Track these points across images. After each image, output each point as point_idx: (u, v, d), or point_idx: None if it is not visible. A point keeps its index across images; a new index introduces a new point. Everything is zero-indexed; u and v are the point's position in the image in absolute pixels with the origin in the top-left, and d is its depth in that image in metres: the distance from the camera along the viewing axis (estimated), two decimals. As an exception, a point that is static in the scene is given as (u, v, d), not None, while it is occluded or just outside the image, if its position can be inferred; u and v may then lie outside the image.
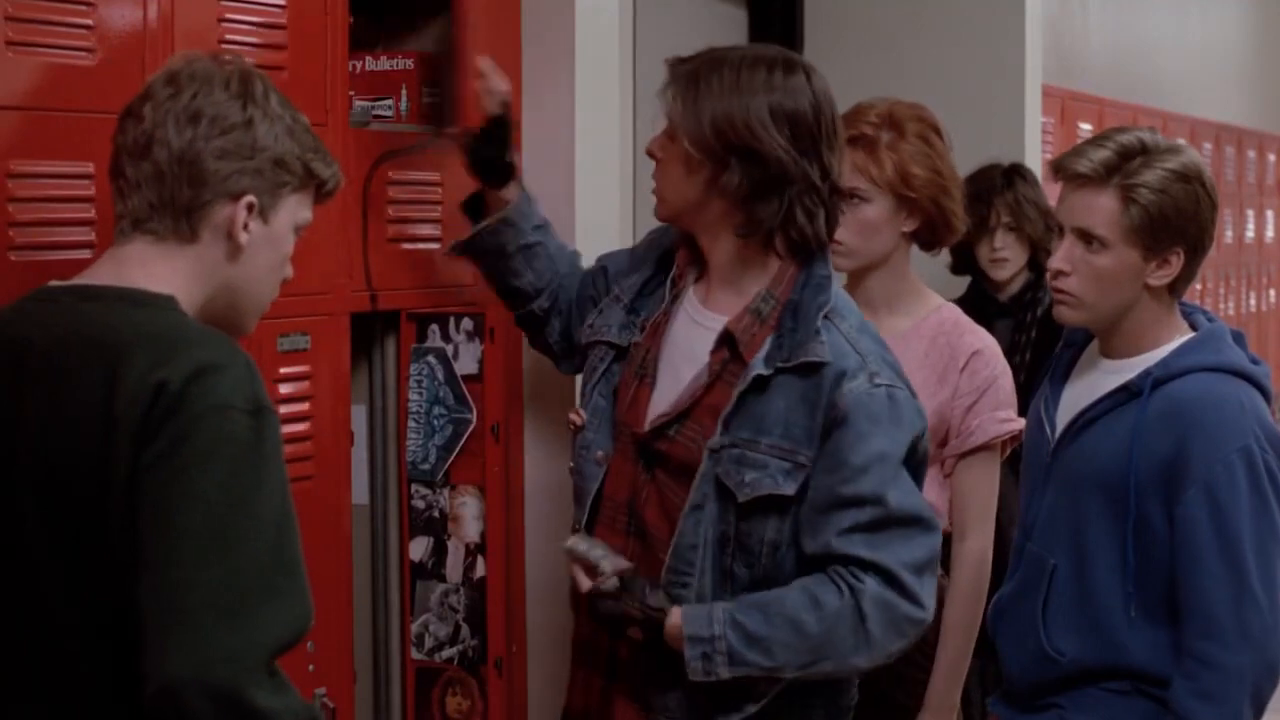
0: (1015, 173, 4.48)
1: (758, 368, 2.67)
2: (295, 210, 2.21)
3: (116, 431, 1.98)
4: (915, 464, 2.73)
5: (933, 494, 3.20)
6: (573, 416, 2.90)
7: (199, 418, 1.97)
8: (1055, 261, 2.85)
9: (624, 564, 2.70)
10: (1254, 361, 2.86)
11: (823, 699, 2.78)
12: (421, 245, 3.09)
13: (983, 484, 3.23)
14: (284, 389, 2.74)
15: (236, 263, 2.16)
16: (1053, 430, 2.92)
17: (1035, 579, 2.89)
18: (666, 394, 2.78)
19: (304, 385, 2.78)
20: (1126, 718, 2.81)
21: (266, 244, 2.18)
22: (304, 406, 2.79)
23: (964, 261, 4.49)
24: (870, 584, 2.64)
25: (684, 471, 2.71)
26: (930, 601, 2.69)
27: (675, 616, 2.66)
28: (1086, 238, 2.81)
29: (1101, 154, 2.80)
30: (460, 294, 3.17)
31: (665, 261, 2.87)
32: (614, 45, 3.48)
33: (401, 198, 3.03)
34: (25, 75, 2.31)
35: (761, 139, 2.64)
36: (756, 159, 2.64)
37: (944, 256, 4.45)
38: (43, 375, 2.05)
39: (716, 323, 2.75)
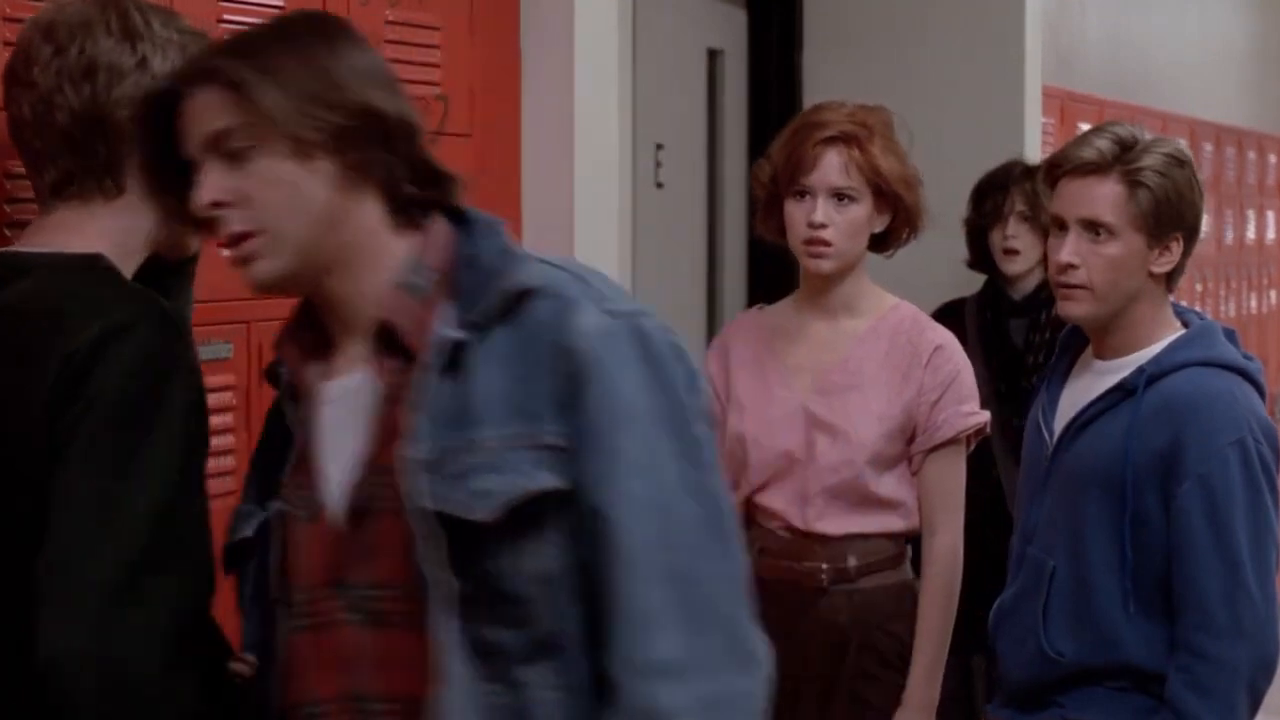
0: (1036, 169, 4.48)
1: (446, 334, 1.88)
2: None
3: (34, 409, 1.93)
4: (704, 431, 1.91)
5: (902, 491, 3.21)
6: (240, 669, 2.03)
7: (101, 386, 1.90)
8: (1063, 256, 2.83)
9: None
10: (1246, 358, 2.87)
11: None
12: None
13: (950, 477, 3.23)
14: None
15: None
16: (1050, 435, 2.93)
17: (1035, 582, 2.90)
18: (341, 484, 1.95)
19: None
20: (1126, 713, 2.82)
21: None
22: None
23: (980, 257, 4.48)
24: None
25: (408, 540, 1.88)
26: None
27: None
28: (1093, 227, 2.81)
29: (1102, 142, 2.82)
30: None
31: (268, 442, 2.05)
32: (613, 48, 3.48)
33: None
34: (25, 75, 2.30)
35: None
36: None
37: (961, 252, 4.46)
38: None
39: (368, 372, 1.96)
